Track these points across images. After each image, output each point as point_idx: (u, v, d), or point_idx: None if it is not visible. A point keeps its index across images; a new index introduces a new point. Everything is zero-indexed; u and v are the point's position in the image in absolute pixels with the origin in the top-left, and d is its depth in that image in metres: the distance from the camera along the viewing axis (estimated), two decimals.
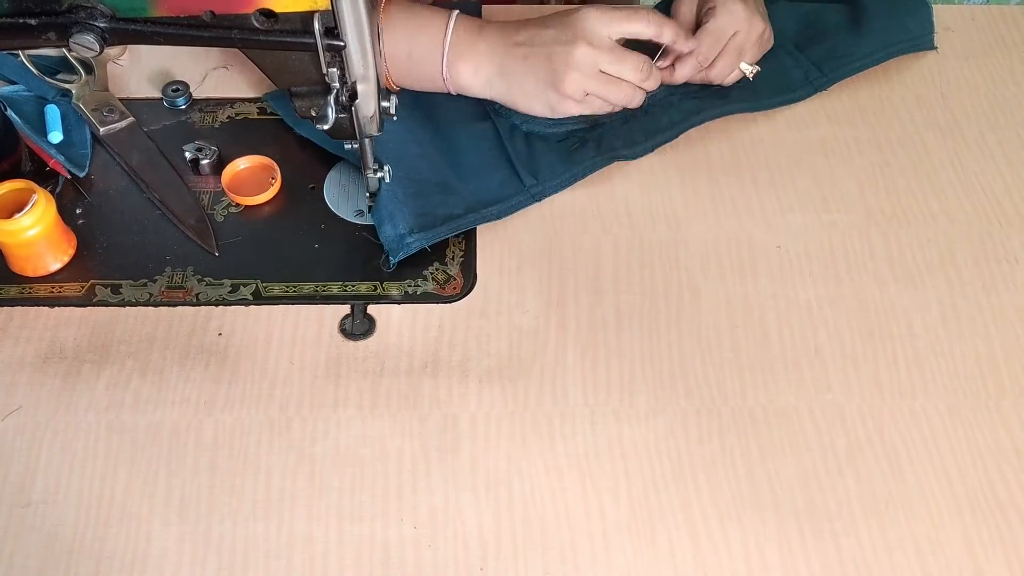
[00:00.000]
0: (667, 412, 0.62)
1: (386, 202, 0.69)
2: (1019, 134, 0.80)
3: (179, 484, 0.59)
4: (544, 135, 0.76)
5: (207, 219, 0.70)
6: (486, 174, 0.73)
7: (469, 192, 0.72)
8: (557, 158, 0.74)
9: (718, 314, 0.67)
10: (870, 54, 0.83)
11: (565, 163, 0.74)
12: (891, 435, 0.62)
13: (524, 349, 0.65)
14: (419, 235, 0.68)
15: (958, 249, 0.72)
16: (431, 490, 0.59)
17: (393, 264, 0.68)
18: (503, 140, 0.75)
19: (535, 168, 0.73)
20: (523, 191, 0.72)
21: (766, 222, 0.73)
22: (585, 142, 0.75)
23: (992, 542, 0.58)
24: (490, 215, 0.71)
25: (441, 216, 0.69)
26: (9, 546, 0.56)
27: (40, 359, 0.64)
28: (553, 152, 0.74)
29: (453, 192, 0.71)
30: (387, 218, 0.68)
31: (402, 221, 0.68)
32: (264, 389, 0.63)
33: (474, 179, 0.73)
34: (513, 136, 0.75)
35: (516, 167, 0.73)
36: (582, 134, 0.76)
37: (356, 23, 0.54)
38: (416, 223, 0.68)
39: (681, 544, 0.57)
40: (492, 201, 0.71)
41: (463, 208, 0.70)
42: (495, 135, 0.75)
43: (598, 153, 0.74)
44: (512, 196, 0.72)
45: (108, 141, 0.74)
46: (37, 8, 0.52)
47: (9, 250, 0.66)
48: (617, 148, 0.75)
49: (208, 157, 0.74)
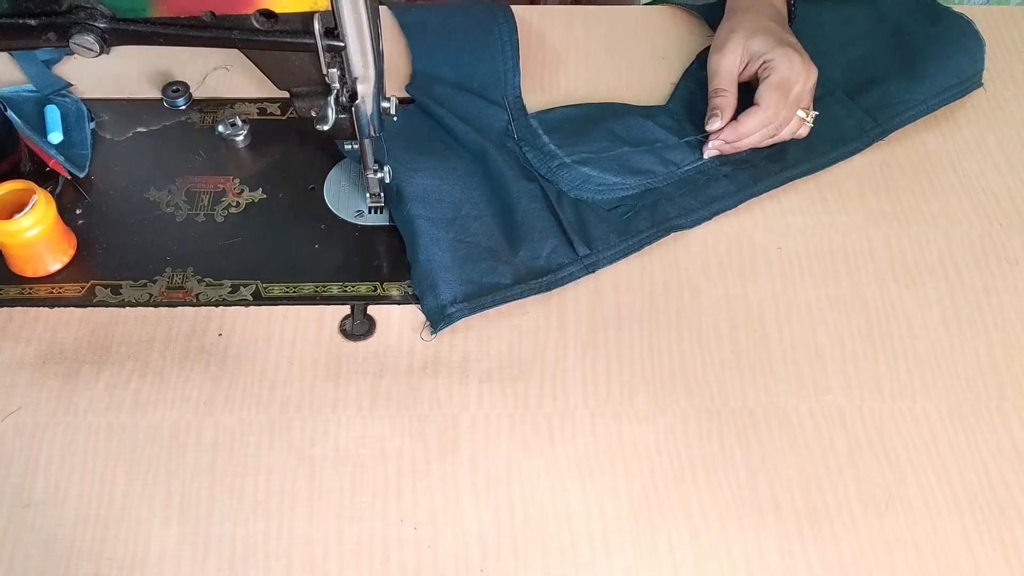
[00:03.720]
0: (667, 412, 0.62)
1: (427, 271, 0.66)
2: (1019, 134, 0.80)
3: (179, 485, 0.59)
4: (593, 202, 0.72)
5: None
6: (538, 241, 0.69)
7: (519, 260, 0.68)
8: (611, 228, 0.70)
9: (718, 314, 0.67)
10: (923, 100, 0.79)
11: (619, 233, 0.70)
12: (891, 436, 0.62)
13: (524, 349, 0.65)
14: (462, 305, 0.65)
15: (958, 249, 0.72)
16: (431, 490, 0.59)
17: (434, 334, 0.65)
18: (552, 204, 0.71)
19: (588, 237, 0.69)
20: (576, 261, 0.68)
21: (766, 222, 0.73)
22: (638, 210, 0.72)
23: (992, 542, 0.58)
24: (540, 287, 0.67)
25: (488, 286, 0.66)
26: (9, 546, 0.56)
27: (40, 360, 0.64)
28: (605, 221, 0.71)
29: (501, 259, 0.68)
30: (428, 289, 0.66)
31: (446, 289, 0.66)
32: (264, 390, 0.63)
33: (525, 246, 0.69)
34: (561, 202, 0.71)
35: (569, 235, 0.69)
36: (634, 202, 0.72)
37: (356, 23, 0.54)
38: (461, 291, 0.66)
39: (681, 544, 0.57)
40: (543, 271, 0.68)
41: (511, 278, 0.67)
42: (544, 197, 0.71)
43: (653, 224, 0.71)
44: (565, 266, 0.68)
45: None
46: (37, 8, 0.52)
47: (9, 250, 0.66)
48: (672, 218, 0.71)
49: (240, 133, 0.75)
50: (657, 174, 0.74)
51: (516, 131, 0.76)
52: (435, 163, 0.72)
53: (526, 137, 0.76)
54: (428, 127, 0.76)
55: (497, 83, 0.80)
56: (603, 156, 0.74)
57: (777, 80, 0.73)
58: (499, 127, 0.77)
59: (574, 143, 0.75)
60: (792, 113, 0.74)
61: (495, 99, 0.79)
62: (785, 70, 0.73)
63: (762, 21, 0.77)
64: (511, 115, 0.77)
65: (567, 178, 0.73)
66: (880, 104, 0.79)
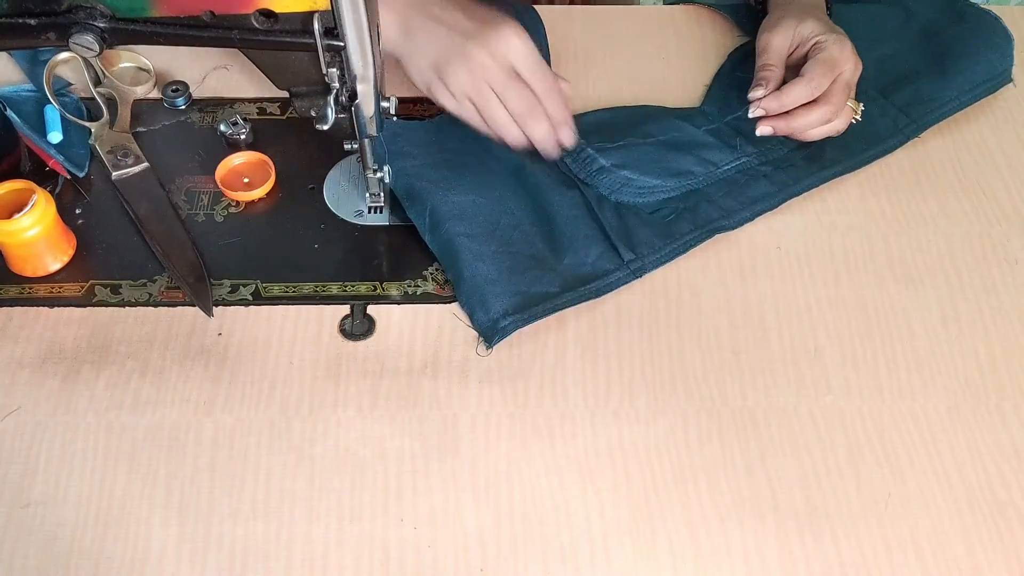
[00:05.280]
0: (667, 413, 0.62)
1: (475, 287, 0.66)
2: (1019, 134, 0.80)
3: (179, 484, 0.59)
4: (635, 205, 0.72)
5: (207, 279, 0.67)
6: (582, 248, 0.68)
7: (564, 267, 0.68)
8: (654, 232, 0.70)
9: (718, 314, 0.67)
10: (956, 97, 0.79)
11: (663, 237, 0.70)
12: (891, 436, 0.62)
13: (524, 349, 0.65)
14: (514, 316, 0.64)
15: (958, 249, 0.72)
16: (431, 490, 0.59)
17: (490, 349, 0.65)
18: (594, 210, 0.70)
19: (632, 242, 0.69)
20: (622, 267, 0.68)
21: (766, 222, 0.73)
22: (680, 213, 0.71)
23: (992, 542, 0.58)
24: (588, 293, 0.67)
25: (537, 295, 0.66)
26: (9, 546, 0.56)
27: (39, 359, 0.64)
28: (647, 225, 0.70)
29: (548, 268, 0.67)
30: (478, 304, 0.65)
31: (496, 302, 0.65)
32: (264, 389, 0.63)
33: (570, 253, 0.68)
34: (603, 207, 0.71)
35: (613, 240, 0.69)
36: (676, 204, 0.72)
37: (356, 23, 0.54)
38: (511, 304, 0.65)
39: (681, 545, 0.57)
40: (590, 277, 0.67)
41: (559, 286, 0.67)
42: (585, 203, 0.71)
43: (695, 226, 0.71)
44: (611, 272, 0.68)
45: (119, 186, 0.72)
46: (37, 8, 0.52)
47: (9, 250, 0.66)
48: (715, 219, 0.71)
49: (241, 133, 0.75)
50: (697, 175, 0.73)
51: None
52: (469, 179, 0.71)
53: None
54: (459, 141, 0.74)
55: None
56: (642, 159, 0.73)
57: (825, 57, 0.73)
58: None
59: (611, 147, 0.74)
60: (845, 99, 0.73)
61: None
62: (836, 51, 0.73)
63: (810, 10, 0.78)
64: None
65: (607, 182, 0.72)
66: (912, 102, 0.79)
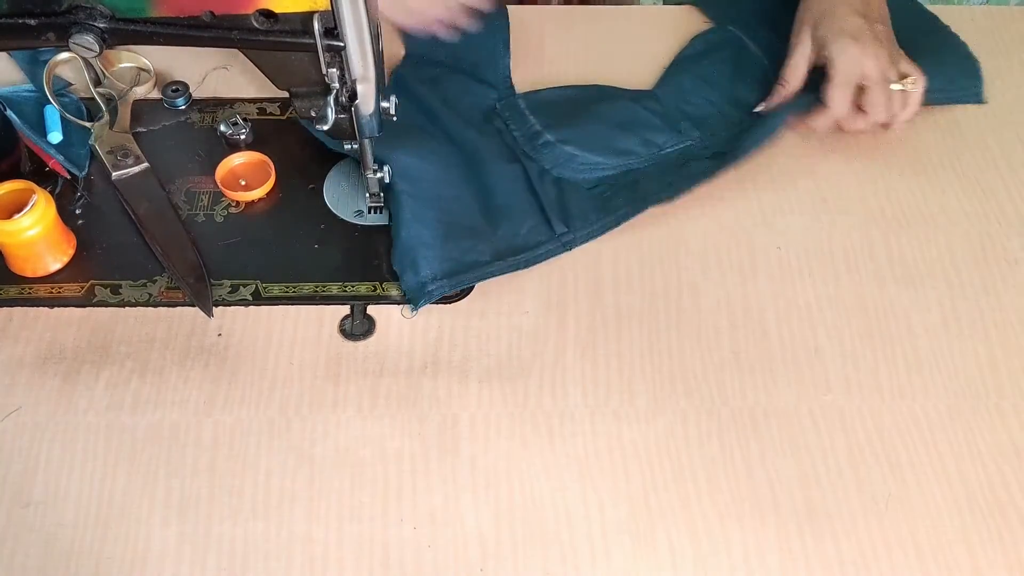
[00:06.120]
0: (667, 412, 0.62)
1: (408, 248, 0.67)
2: (1019, 134, 0.80)
3: (179, 484, 0.59)
4: (575, 181, 0.73)
5: (207, 279, 0.67)
6: (517, 219, 0.70)
7: (498, 237, 0.69)
8: (590, 206, 0.72)
9: (718, 314, 0.67)
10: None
11: (598, 211, 0.71)
12: (891, 436, 0.62)
13: (524, 349, 0.65)
14: (442, 282, 0.66)
15: (958, 249, 0.72)
16: (431, 490, 0.59)
17: (415, 312, 0.66)
18: (533, 184, 0.72)
19: (567, 215, 0.71)
20: (554, 239, 0.70)
21: (766, 222, 0.73)
22: (618, 189, 0.73)
23: (992, 542, 0.58)
24: (518, 263, 0.68)
25: (467, 263, 0.67)
26: (9, 546, 0.56)
27: (40, 359, 0.64)
28: (585, 199, 0.72)
29: (481, 238, 0.69)
30: (409, 266, 0.67)
31: (426, 266, 0.66)
32: (264, 390, 0.63)
33: (504, 224, 0.70)
34: (543, 180, 0.73)
35: (547, 214, 0.71)
36: (614, 180, 0.74)
37: (356, 23, 0.54)
38: (440, 269, 0.66)
39: (681, 544, 0.57)
40: (521, 248, 0.69)
41: (490, 255, 0.68)
42: (525, 177, 0.73)
43: (632, 200, 0.72)
44: (542, 244, 0.69)
45: (119, 186, 0.72)
46: (37, 8, 0.52)
47: (9, 250, 0.66)
48: (653, 193, 0.72)
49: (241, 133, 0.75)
50: (640, 155, 0.75)
51: (503, 109, 0.78)
52: (414, 142, 0.73)
53: (513, 116, 0.77)
54: (409, 108, 0.76)
55: (488, 62, 0.81)
56: (587, 136, 0.75)
57: (838, 79, 0.74)
58: (487, 106, 0.78)
59: (560, 123, 0.76)
60: (884, 98, 0.74)
61: (486, 78, 0.80)
62: (842, 65, 0.73)
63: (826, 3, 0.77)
64: (500, 93, 0.79)
65: (550, 156, 0.74)
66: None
